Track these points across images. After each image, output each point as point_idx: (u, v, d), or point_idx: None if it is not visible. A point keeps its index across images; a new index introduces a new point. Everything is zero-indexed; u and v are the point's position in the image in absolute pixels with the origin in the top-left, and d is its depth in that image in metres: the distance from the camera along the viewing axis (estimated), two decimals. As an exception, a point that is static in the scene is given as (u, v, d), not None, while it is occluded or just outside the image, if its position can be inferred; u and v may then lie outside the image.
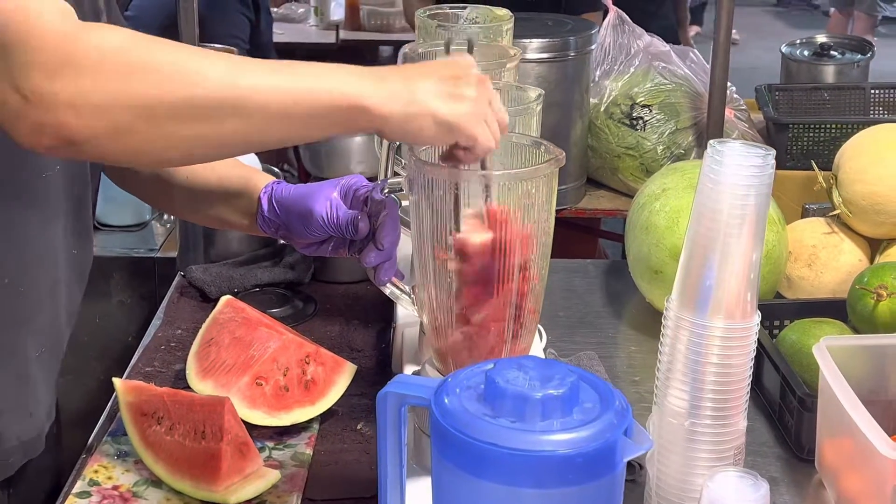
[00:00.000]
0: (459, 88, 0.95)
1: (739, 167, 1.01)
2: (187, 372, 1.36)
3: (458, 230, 1.01)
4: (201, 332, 1.41)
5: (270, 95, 0.91)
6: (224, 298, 1.45)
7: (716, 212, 1.02)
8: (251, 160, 1.83)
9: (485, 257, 1.02)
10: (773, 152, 1.02)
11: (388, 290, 1.22)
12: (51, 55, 0.86)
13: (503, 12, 1.48)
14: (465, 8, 1.49)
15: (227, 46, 3.09)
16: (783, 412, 1.33)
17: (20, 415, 1.16)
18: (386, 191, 1.16)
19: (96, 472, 1.22)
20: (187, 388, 1.34)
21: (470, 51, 1.10)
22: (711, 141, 1.04)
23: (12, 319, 1.12)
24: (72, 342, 1.25)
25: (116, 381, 1.28)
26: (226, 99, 0.90)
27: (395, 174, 1.27)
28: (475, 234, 1.01)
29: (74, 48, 0.87)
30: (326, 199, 1.20)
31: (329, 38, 4.55)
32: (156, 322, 1.61)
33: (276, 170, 1.93)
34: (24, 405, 1.16)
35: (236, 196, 1.26)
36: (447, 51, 1.13)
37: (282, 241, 1.83)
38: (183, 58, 0.90)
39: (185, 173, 1.26)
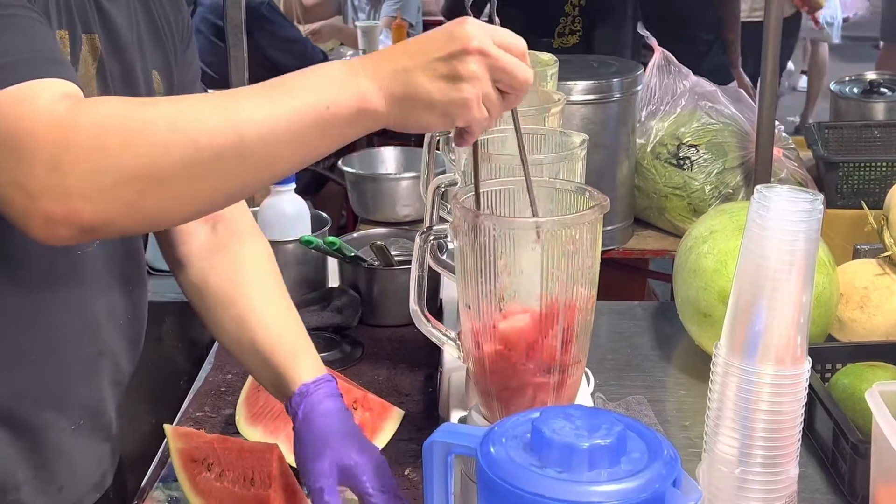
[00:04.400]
0: (455, 68, 0.89)
1: (787, 212, 1.00)
2: (237, 417, 1.37)
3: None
4: (250, 377, 1.42)
5: (272, 126, 0.87)
6: (273, 344, 1.46)
7: (763, 258, 1.01)
8: (299, 208, 1.85)
9: (528, 338, 1.02)
10: (822, 197, 1.02)
11: (435, 335, 1.22)
12: (49, 147, 0.83)
13: (547, 56, 1.49)
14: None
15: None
16: (836, 458, 1.30)
17: (47, 489, 1.13)
18: (432, 238, 1.17)
19: (147, 517, 1.24)
20: (237, 433, 1.35)
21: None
22: (758, 186, 1.03)
23: (41, 395, 1.09)
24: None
25: (167, 427, 1.30)
26: (230, 145, 0.86)
27: (441, 219, 1.27)
28: (516, 321, 1.02)
29: (72, 134, 0.84)
30: (327, 468, 1.10)
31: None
32: (206, 367, 1.63)
33: (324, 215, 1.94)
34: (54, 479, 1.13)
35: (273, 375, 1.19)
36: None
37: (329, 286, 1.85)
38: (178, 113, 0.87)
39: (235, 332, 1.22)
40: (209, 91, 1.25)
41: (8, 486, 1.09)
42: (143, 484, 1.32)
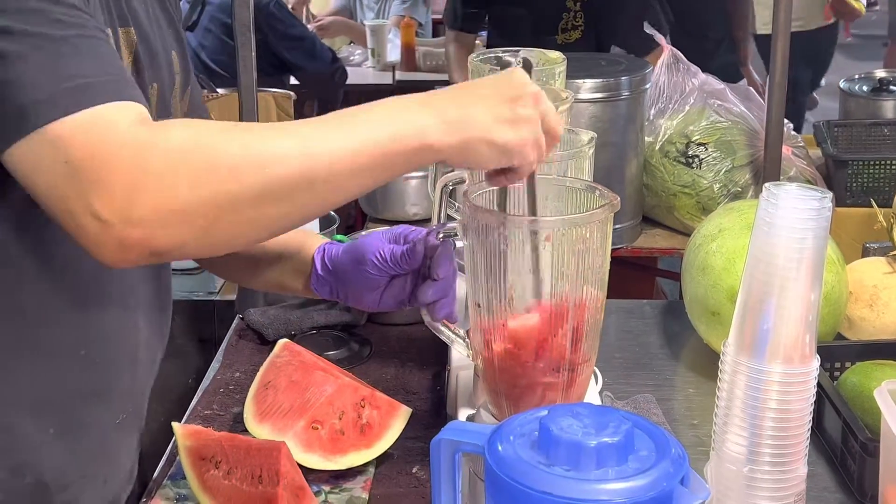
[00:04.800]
0: (516, 111, 0.95)
1: (795, 210, 1.00)
2: (245, 415, 1.37)
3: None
4: (259, 375, 1.43)
5: (340, 157, 0.90)
6: (281, 342, 1.46)
7: (772, 256, 1.01)
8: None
9: (538, 337, 1.02)
10: (830, 194, 1.01)
11: (443, 333, 1.22)
12: (127, 174, 0.84)
13: (556, 55, 1.49)
14: (518, 51, 1.50)
15: (286, 92, 3.17)
16: (845, 457, 1.30)
17: (94, 483, 1.13)
18: (441, 235, 1.17)
19: (156, 515, 1.24)
20: (245, 431, 1.35)
21: (528, 70, 1.08)
22: (767, 184, 1.03)
23: (90, 391, 1.10)
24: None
25: (175, 425, 1.30)
26: (301, 174, 0.89)
27: (450, 218, 1.27)
28: (525, 319, 1.02)
29: (150, 161, 0.85)
30: (378, 245, 1.20)
31: (386, 79, 4.61)
32: (215, 365, 1.63)
33: (332, 213, 1.94)
34: (100, 473, 1.14)
35: (291, 258, 1.26)
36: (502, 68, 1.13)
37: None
38: (252, 141, 0.89)
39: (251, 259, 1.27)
40: (218, 91, 1.27)
41: (57, 485, 1.09)
42: (151, 481, 1.33)
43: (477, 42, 3.33)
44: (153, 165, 0.85)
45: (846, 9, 4.66)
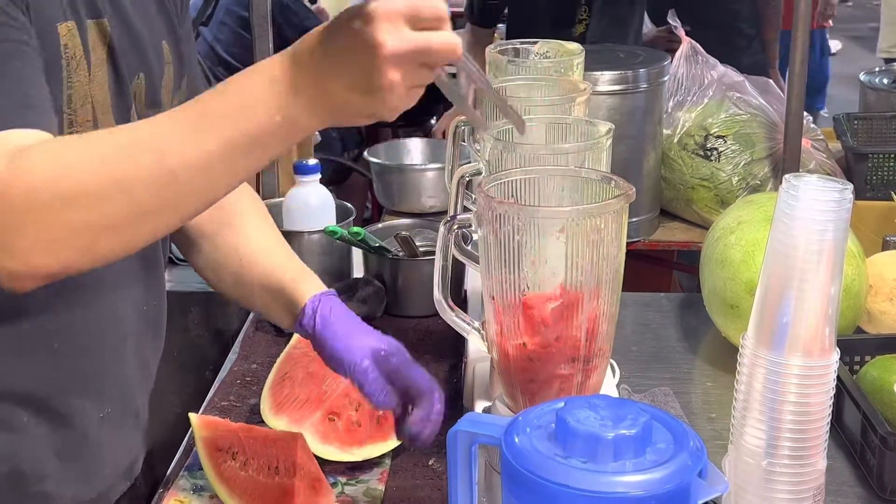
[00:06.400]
0: (371, 82, 0.86)
1: (816, 202, 0.99)
2: (262, 407, 1.37)
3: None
4: (276, 367, 1.43)
5: (204, 162, 0.88)
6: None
7: (792, 248, 1.00)
8: (324, 198, 1.85)
9: (552, 327, 1.02)
10: (851, 186, 1.00)
11: (459, 325, 1.22)
12: None
13: (573, 46, 1.48)
14: (535, 43, 1.49)
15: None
16: (864, 451, 1.29)
17: (75, 476, 1.13)
18: (456, 227, 1.16)
19: (172, 506, 1.24)
20: (262, 422, 1.36)
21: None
22: (787, 175, 1.02)
23: (66, 382, 1.10)
24: (149, 377, 1.27)
25: (192, 416, 1.30)
26: (166, 185, 0.88)
27: (465, 209, 1.27)
28: (540, 310, 1.01)
29: (14, 198, 0.85)
30: (360, 360, 1.12)
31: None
32: (232, 356, 1.63)
33: (349, 206, 1.94)
34: (82, 467, 1.13)
35: (281, 293, 1.20)
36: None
37: (354, 276, 1.85)
38: (112, 160, 0.88)
39: (236, 266, 1.24)
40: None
41: (34, 476, 1.09)
42: (168, 472, 1.33)
43: (496, 35, 3.32)
44: (19, 204, 0.86)
45: None
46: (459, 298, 1.76)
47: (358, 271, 1.87)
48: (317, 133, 3.43)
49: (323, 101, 0.88)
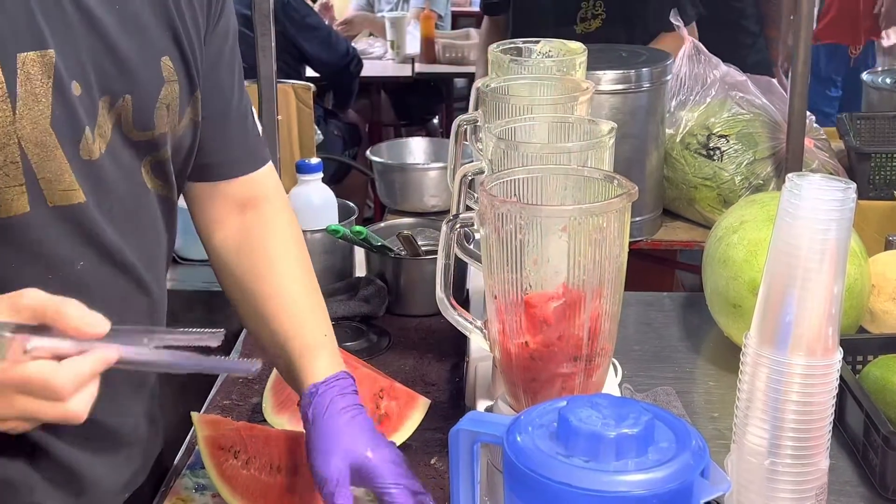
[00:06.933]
0: None
1: (819, 201, 0.99)
2: (264, 406, 1.37)
3: None
4: (277, 366, 1.42)
5: None
6: (300, 332, 1.46)
7: (795, 247, 1.00)
8: (326, 197, 1.85)
9: (555, 326, 1.02)
10: (854, 185, 1.00)
11: (461, 324, 1.21)
12: None
13: (576, 45, 1.48)
14: (538, 42, 1.49)
15: (306, 84, 3.19)
16: (867, 450, 1.29)
17: (64, 491, 1.10)
18: (458, 226, 1.16)
19: (174, 504, 1.24)
20: (264, 421, 1.36)
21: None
22: (790, 174, 1.02)
23: None
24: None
25: (194, 415, 1.30)
26: None
27: (468, 208, 1.27)
28: (543, 309, 1.01)
29: None
30: (333, 476, 1.08)
31: (405, 71, 4.61)
32: (234, 355, 1.63)
33: (351, 205, 1.94)
34: (68, 482, 1.11)
35: (290, 363, 1.18)
36: None
37: (356, 275, 1.85)
38: None
39: (256, 321, 1.22)
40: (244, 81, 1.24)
41: (24, 487, 1.07)
42: (170, 471, 1.33)
43: None
44: None
45: None
46: (461, 297, 1.76)
47: (360, 270, 1.87)
48: (319, 132, 3.43)
49: None
